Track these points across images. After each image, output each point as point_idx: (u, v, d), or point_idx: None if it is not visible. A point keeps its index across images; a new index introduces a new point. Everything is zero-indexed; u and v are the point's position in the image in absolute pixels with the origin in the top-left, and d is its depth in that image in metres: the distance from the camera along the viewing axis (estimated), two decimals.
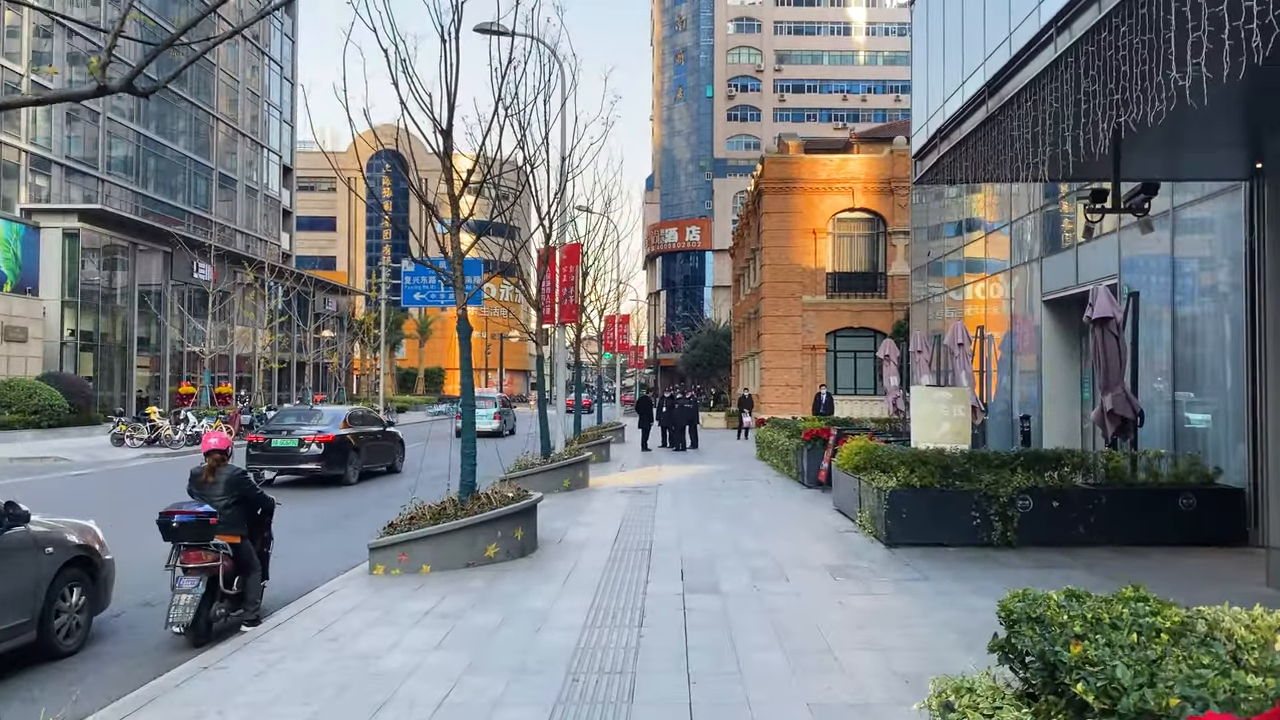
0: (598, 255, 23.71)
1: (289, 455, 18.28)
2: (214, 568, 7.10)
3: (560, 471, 16.54)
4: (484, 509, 9.82)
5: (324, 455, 18.05)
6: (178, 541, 7.15)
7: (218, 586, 7.11)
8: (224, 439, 7.86)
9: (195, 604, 6.89)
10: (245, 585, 7.37)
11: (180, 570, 7.06)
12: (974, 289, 19.88)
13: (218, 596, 7.14)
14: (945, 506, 10.53)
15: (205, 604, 7.01)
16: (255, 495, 7.88)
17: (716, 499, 15.34)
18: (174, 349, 43.22)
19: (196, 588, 6.95)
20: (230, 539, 7.34)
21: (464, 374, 10.62)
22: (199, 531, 7.09)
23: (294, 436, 18.38)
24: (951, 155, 9.05)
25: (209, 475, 7.61)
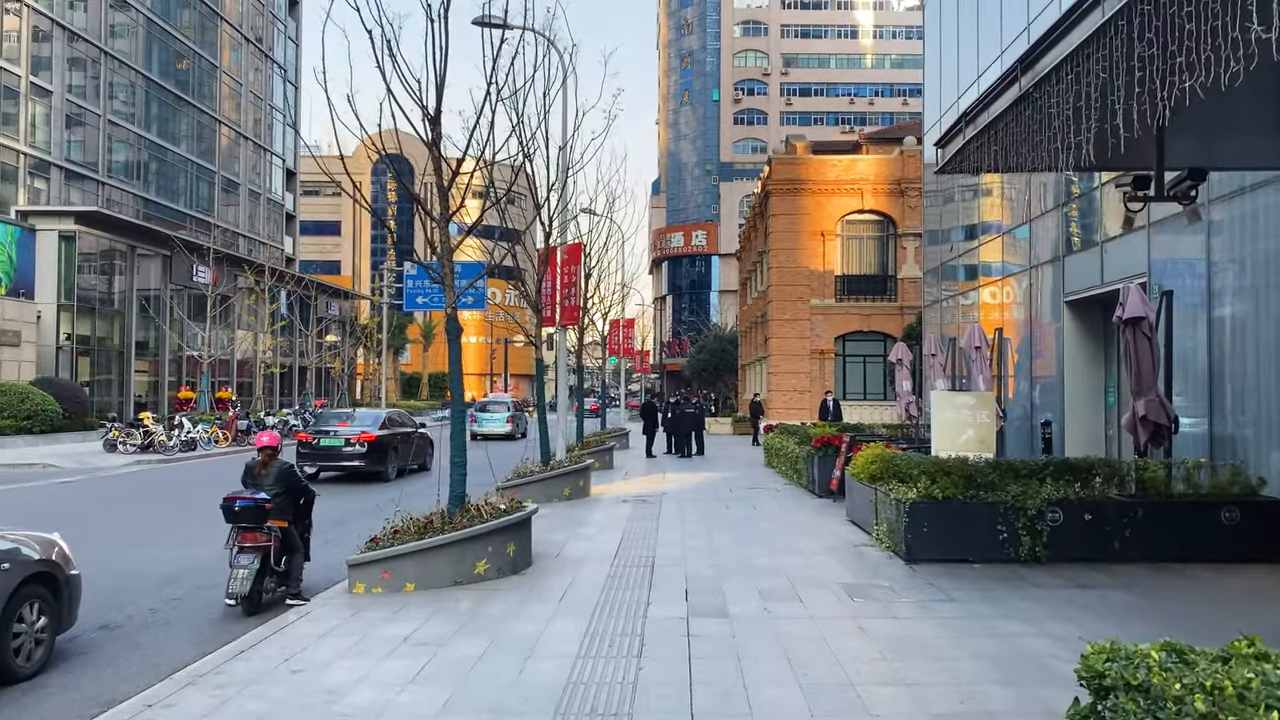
0: (601, 256, 23.05)
1: (334, 453, 19.62)
2: (266, 547, 8.18)
3: (560, 480, 15.85)
4: (474, 522, 9.13)
5: (366, 454, 19.37)
6: (237, 523, 8.21)
7: (269, 564, 8.22)
8: (275, 437, 8.82)
9: (250, 578, 8.00)
10: (290, 564, 8.44)
11: (238, 549, 8.15)
12: (991, 290, 19.15)
13: (268, 573, 8.25)
14: (969, 520, 9.81)
15: (259, 579, 8.10)
16: (300, 486, 8.86)
17: (723, 509, 14.64)
18: (173, 353, 42.64)
19: (252, 564, 8.05)
20: (279, 523, 8.36)
21: (453, 378, 9.95)
22: (255, 515, 8.14)
23: (339, 436, 19.70)
24: (978, 140, 8.35)
25: (261, 468, 8.58)
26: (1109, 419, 15.37)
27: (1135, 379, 10.57)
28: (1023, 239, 17.45)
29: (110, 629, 7.79)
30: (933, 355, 19.03)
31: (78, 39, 45.14)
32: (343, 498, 15.92)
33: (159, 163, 53.40)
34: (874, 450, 11.81)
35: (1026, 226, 17.20)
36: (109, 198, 46.87)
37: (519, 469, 16.00)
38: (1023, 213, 17.43)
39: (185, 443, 27.76)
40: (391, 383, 76.36)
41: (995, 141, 7.97)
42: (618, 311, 33.84)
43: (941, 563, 9.68)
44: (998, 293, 18.82)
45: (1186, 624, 7.35)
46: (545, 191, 15.42)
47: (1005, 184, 18.43)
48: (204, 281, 42.62)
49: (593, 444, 22.63)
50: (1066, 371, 15.69)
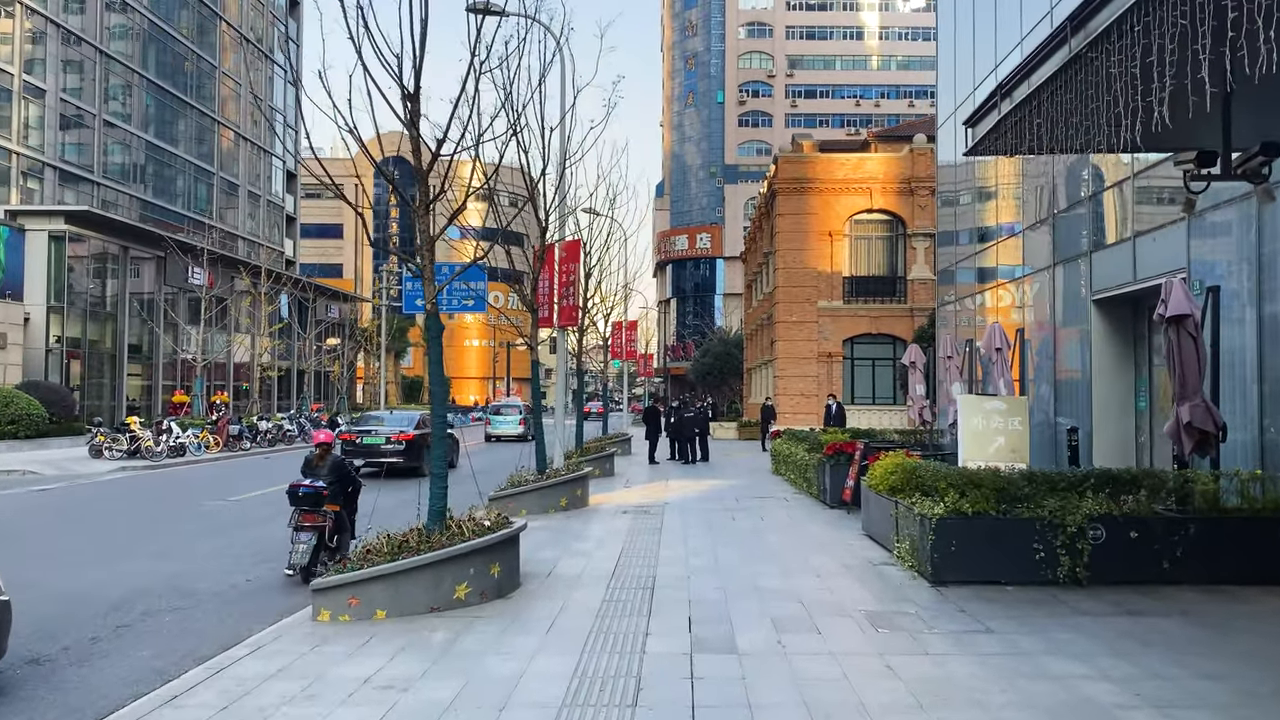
0: (602, 255, 22.17)
1: (375, 450, 21.51)
2: (322, 527, 9.69)
3: (556, 489, 14.95)
4: (454, 541, 8.22)
5: (404, 451, 21.37)
6: (299, 506, 9.66)
7: (323, 540, 9.69)
8: (329, 435, 10.59)
9: (309, 551, 9.52)
10: (340, 541, 9.86)
11: (298, 528, 9.65)
12: (1011, 288, 18.20)
13: (323, 548, 9.66)
14: (1003, 537, 8.88)
15: (315, 553, 9.56)
16: (350, 477, 10.22)
17: (729, 521, 13.71)
18: (167, 357, 41.82)
19: (310, 540, 9.58)
20: (332, 508, 9.79)
21: (433, 380, 9.04)
22: (314, 499, 9.66)
23: (379, 435, 22.04)
24: (1018, 113, 7.43)
25: (319, 460, 10.15)
26: (1140, 425, 14.44)
27: (1179, 382, 9.62)
28: (1045, 235, 16.52)
29: (40, 663, 6.90)
30: (949, 358, 18.12)
31: (73, 38, 44.42)
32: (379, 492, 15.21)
33: (156, 164, 52.67)
34: (893, 459, 10.89)
35: (1050, 221, 16.26)
36: (105, 199, 46.14)
37: (513, 478, 15.11)
38: (1045, 207, 16.49)
39: (173, 448, 26.91)
40: (392, 386, 75.56)
41: (1038, 113, 7.06)
42: (620, 313, 32.93)
43: (971, 585, 8.76)
44: (1017, 292, 17.88)
45: (1263, 663, 6.41)
46: (538, 173, 14.53)
47: (1025, 176, 17.50)
48: (199, 283, 41.85)
49: (593, 450, 21.74)
50: (1094, 374, 14.75)
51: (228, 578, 10.00)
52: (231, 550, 11.78)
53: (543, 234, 15.41)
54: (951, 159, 22.00)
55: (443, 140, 8.84)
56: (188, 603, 8.84)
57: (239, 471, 24.04)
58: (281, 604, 8.63)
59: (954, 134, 21.73)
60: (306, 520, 9.61)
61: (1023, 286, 17.60)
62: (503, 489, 14.77)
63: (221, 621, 8.11)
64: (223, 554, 11.49)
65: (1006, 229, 18.76)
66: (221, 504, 16.84)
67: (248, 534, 13.18)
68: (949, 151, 22.18)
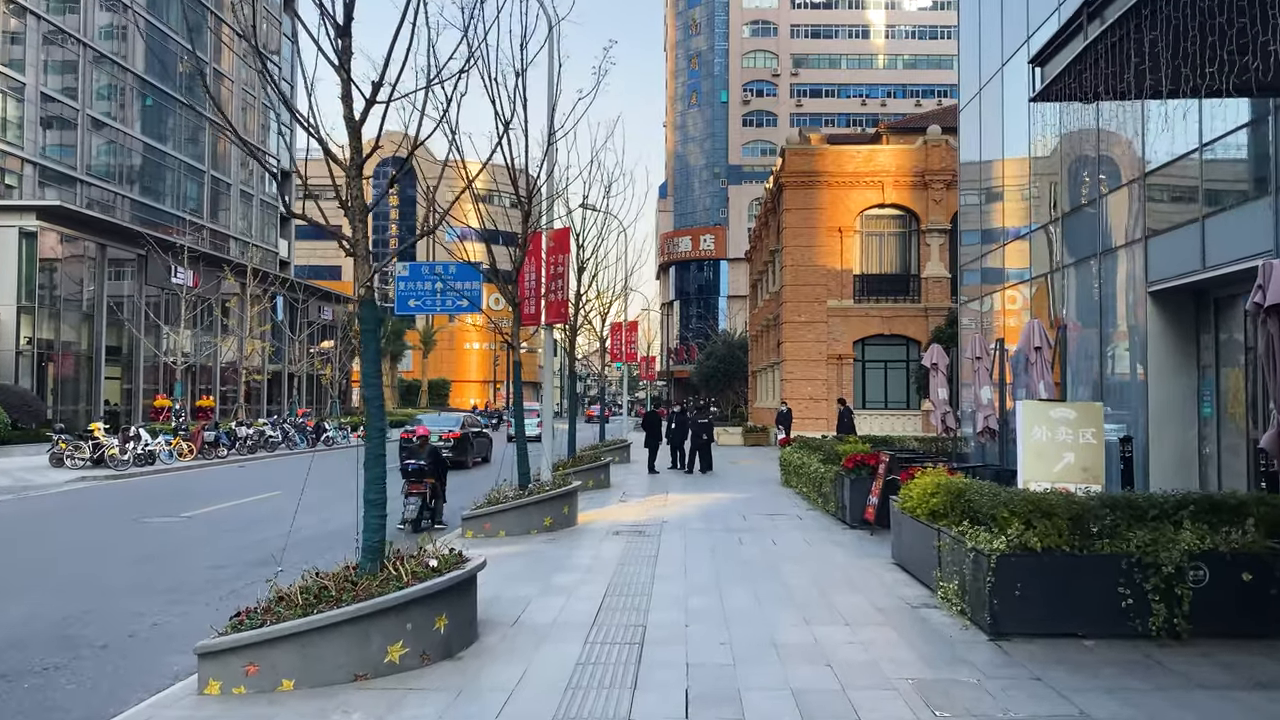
0: (596, 247, 20.40)
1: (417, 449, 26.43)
2: (424, 493, 13.46)
3: (539, 508, 13.18)
4: (387, 587, 6.46)
5: (453, 447, 24.57)
6: (408, 479, 13.51)
7: (425, 504, 13.48)
8: (426, 429, 17.42)
9: (417, 510, 13.30)
10: (436, 506, 13.84)
11: (408, 494, 13.33)
12: (1049, 281, 16.38)
13: (424, 511, 13.46)
14: (1080, 579, 7.11)
15: (421, 512, 13.39)
16: (441, 460, 14.37)
17: (736, 545, 11.94)
18: (149, 359, 40.11)
19: (417, 502, 13.34)
20: (430, 480, 13.65)
21: (366, 379, 7.29)
22: (418, 474, 13.56)
23: (432, 434, 23.71)
24: (1109, 38, 5.65)
25: (421, 447, 14.41)
26: (1205, 435, 12.64)
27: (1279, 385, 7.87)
28: (1088, 221, 14.72)
29: None
30: (977, 359, 16.35)
31: (58, 33, 42.79)
32: None
33: (145, 161, 51.03)
34: (933, 477, 9.11)
35: (1096, 205, 14.46)
36: (91, 197, 44.52)
37: (492, 494, 13.35)
38: (1088, 188, 14.69)
39: (141, 456, 25.20)
40: (388, 390, 73.82)
41: (1150, 25, 5.26)
42: (619, 312, 31.11)
43: (1041, 638, 7.00)
44: (1056, 286, 16.07)
45: None
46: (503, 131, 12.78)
47: (1065, 155, 15.70)
48: (183, 283, 40.17)
49: (587, 460, 19.98)
50: (1151, 377, 12.95)
51: (129, 622, 8.25)
52: (153, 583, 10.04)
53: (525, 219, 13.65)
54: (975, 143, 20.22)
55: (377, 86, 7.08)
56: (62, 658, 7.09)
57: (207, 482, 22.31)
58: (179, 663, 6.88)
59: (978, 115, 19.97)
60: (414, 489, 13.41)
61: (1062, 279, 15.80)
62: (479, 506, 13.02)
63: (89, 691, 6.36)
64: (141, 588, 9.74)
65: (1041, 214, 16.97)
66: (170, 521, 15.10)
67: (181, 561, 11.44)
68: (972, 135, 20.40)
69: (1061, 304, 15.52)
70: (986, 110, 19.46)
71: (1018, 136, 17.81)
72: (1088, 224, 14.78)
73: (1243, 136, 11.01)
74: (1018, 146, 17.89)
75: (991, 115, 19.10)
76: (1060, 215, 15.86)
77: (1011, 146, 18.20)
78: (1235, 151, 11.25)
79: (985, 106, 19.55)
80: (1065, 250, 15.68)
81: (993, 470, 15.05)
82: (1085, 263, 14.83)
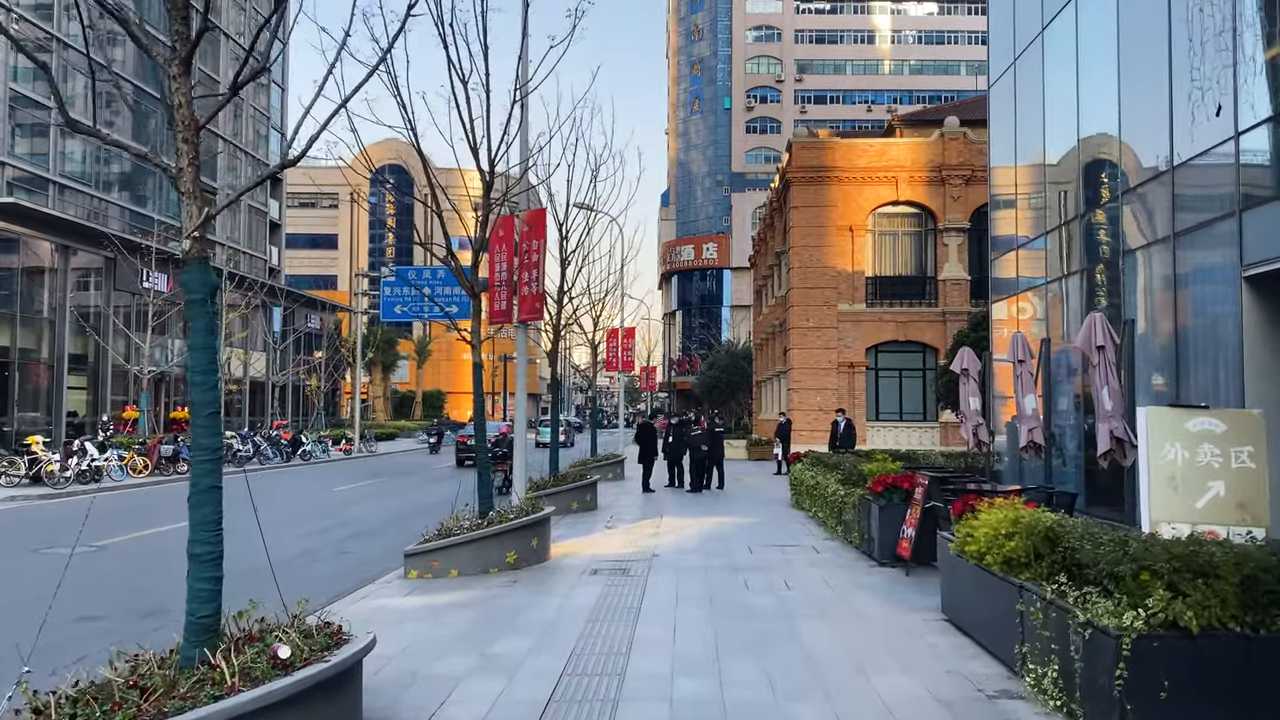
0: (583, 238, 18.10)
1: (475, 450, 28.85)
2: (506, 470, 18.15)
3: (501, 541, 10.82)
4: (198, 699, 4.11)
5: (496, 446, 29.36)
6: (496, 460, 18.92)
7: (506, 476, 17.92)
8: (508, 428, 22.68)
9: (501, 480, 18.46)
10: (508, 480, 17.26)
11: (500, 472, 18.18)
12: (1114, 268, 13.98)
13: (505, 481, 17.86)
14: (1258, 674, 4.75)
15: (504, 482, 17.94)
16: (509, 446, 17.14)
17: (741, 591, 9.56)
18: (117, 368, 37.82)
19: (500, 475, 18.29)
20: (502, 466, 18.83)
21: (195, 381, 4.99)
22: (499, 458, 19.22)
23: None
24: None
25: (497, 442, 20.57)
26: None
27: None
28: (1160, 196, 12.37)
29: None
30: (1019, 362, 14.02)
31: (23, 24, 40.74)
32: None
33: (122, 163, 48.92)
34: (1005, 512, 6.74)
35: (1167, 177, 12.10)
36: (64, 200, 42.35)
37: (445, 524, 10.99)
38: (1161, 157, 12.33)
39: (86, 473, 22.87)
40: (380, 400, 71.54)
41: None
42: (612, 315, 28.70)
43: None
44: (1120, 275, 13.69)
45: None
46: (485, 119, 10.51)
47: (1129, 121, 13.35)
48: (156, 288, 37.94)
49: (571, 478, 17.60)
50: (1248, 379, 10.58)
51: None
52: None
53: (487, 190, 11.34)
54: (1009, 120, 17.90)
55: None
56: None
57: (151, 503, 19.97)
58: None
59: (1012, 87, 17.67)
60: (498, 468, 18.40)
61: (1126, 267, 13.43)
62: (427, 539, 10.67)
63: None
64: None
65: (1096, 193, 14.62)
66: (77, 552, 12.73)
67: (39, 609, 9.07)
68: (1005, 110, 18.07)
69: (1130, 294, 13.14)
70: (1023, 80, 17.16)
71: (1062, 106, 15.50)
72: (1159, 199, 12.42)
73: None
74: (1062, 119, 15.57)
75: (1030, 84, 16.80)
76: (1120, 193, 13.50)
77: (1056, 119, 15.88)
78: None
79: (1022, 77, 17.26)
80: (1129, 233, 13.31)
81: (1043, 493, 12.68)
82: (1155, 246, 12.47)
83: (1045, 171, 16.45)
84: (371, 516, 17.66)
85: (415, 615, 8.39)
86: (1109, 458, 11.32)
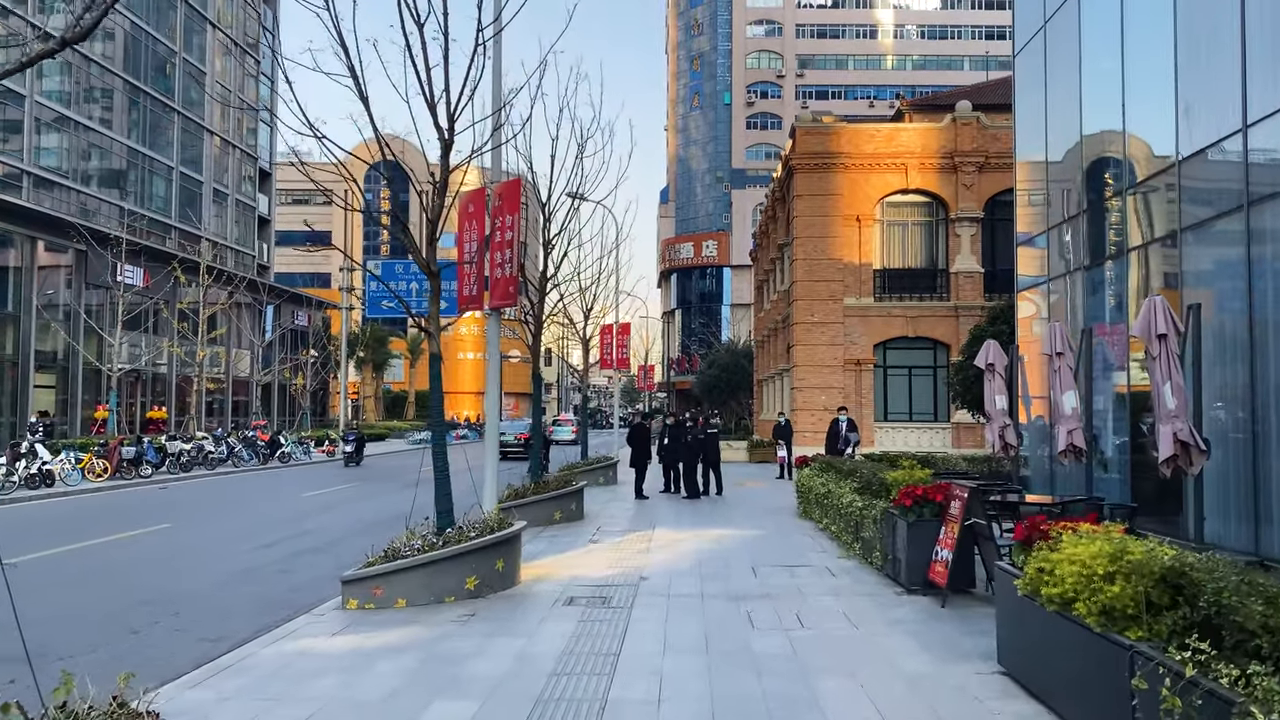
0: (567, 222, 16.38)
1: (508, 444, 34.87)
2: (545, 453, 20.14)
3: (460, 563, 9.11)
4: None
5: (522, 446, 34.11)
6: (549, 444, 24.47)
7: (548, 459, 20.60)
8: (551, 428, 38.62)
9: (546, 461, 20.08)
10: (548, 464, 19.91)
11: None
12: (1171, 246, 12.24)
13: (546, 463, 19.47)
14: None
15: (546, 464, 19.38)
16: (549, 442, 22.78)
17: (744, 628, 7.85)
18: (88, 367, 36.10)
19: None
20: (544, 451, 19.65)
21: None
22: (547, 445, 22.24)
23: (510, 435, 35.97)
24: None
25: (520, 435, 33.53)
26: None
27: None
28: (1229, 166, 10.66)
29: None
30: (1058, 354, 12.33)
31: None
32: None
33: (101, 154, 47.20)
34: (1101, 542, 5.04)
35: (1242, 137, 10.37)
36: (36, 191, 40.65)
37: (395, 542, 9.28)
38: (1234, 114, 10.59)
39: (36, 477, 21.19)
40: (370, 400, 69.82)
41: None
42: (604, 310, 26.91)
43: None
44: (1175, 253, 11.97)
45: None
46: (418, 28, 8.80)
47: (1183, 81, 11.62)
48: (131, 282, 36.25)
49: (555, 485, 15.87)
50: None
51: None
52: None
53: (446, 151, 9.62)
54: (1039, 85, 16.18)
55: None
56: None
57: (101, 510, 18.27)
58: None
59: (1042, 51, 15.96)
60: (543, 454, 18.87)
61: (1190, 244, 11.70)
62: (371, 562, 8.97)
63: None
64: None
65: (1143, 168, 12.91)
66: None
67: None
68: (1034, 75, 16.35)
69: (1199, 273, 11.43)
70: (1055, 44, 15.45)
71: (1104, 71, 13.79)
72: (1229, 168, 10.70)
73: None
74: (1104, 84, 13.86)
75: (1063, 48, 15.08)
76: (1179, 160, 11.78)
77: (1096, 83, 14.17)
78: None
79: (1054, 41, 15.55)
80: (1194, 204, 11.59)
81: (1092, 505, 10.98)
82: (1229, 216, 10.75)
83: (1083, 145, 14.71)
84: (335, 526, 15.98)
85: (338, 664, 6.70)
86: (1172, 465, 9.63)
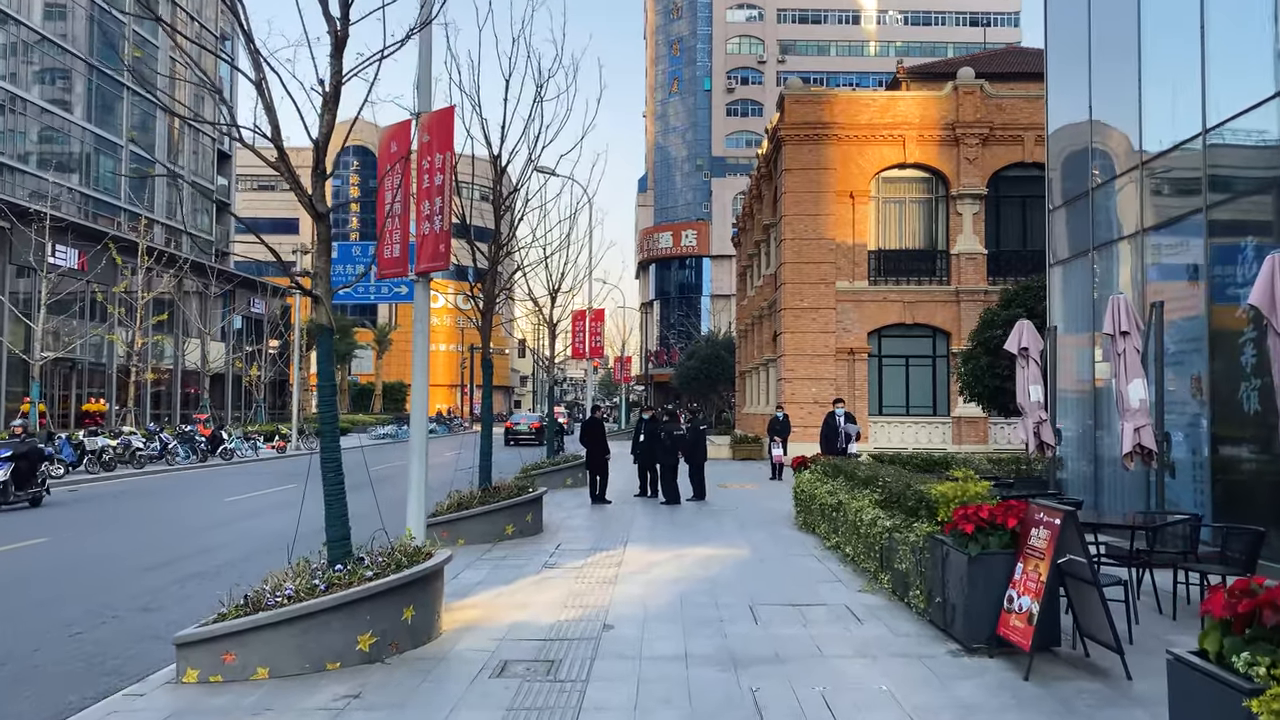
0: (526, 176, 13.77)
1: (521, 432, 44.74)
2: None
3: (350, 614, 6.51)
4: None
5: (534, 434, 43.28)
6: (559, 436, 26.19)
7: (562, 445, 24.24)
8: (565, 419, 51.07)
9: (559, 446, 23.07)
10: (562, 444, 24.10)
11: None
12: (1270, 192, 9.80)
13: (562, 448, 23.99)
14: None
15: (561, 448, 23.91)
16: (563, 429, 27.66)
17: (748, 714, 5.33)
18: (11, 355, 33.09)
19: None
20: None
21: None
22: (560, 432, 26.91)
23: (523, 424, 45.88)
24: None
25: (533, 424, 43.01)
26: None
27: None
28: None
29: None
30: (1122, 334, 9.97)
31: None
32: None
33: (40, 128, 43.97)
34: None
35: None
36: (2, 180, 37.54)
37: (262, 585, 6.68)
38: None
39: None
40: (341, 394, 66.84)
41: None
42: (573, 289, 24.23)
43: None
44: (1272, 203, 9.56)
45: None
46: None
47: None
48: (65, 264, 33.29)
49: (507, 492, 13.24)
50: None
51: None
52: None
53: (338, 43, 7.00)
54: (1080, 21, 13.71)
55: None
56: None
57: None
58: None
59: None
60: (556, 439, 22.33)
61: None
62: (223, 615, 6.37)
63: None
64: None
65: (1221, 108, 10.47)
66: None
67: None
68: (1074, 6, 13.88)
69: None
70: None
71: None
72: None
73: None
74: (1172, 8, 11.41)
75: None
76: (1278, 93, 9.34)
77: (1156, 10, 11.72)
78: None
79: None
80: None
81: (1183, 528, 8.57)
82: None
83: (1144, 85, 12.23)
84: (248, 540, 13.37)
85: None
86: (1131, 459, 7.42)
